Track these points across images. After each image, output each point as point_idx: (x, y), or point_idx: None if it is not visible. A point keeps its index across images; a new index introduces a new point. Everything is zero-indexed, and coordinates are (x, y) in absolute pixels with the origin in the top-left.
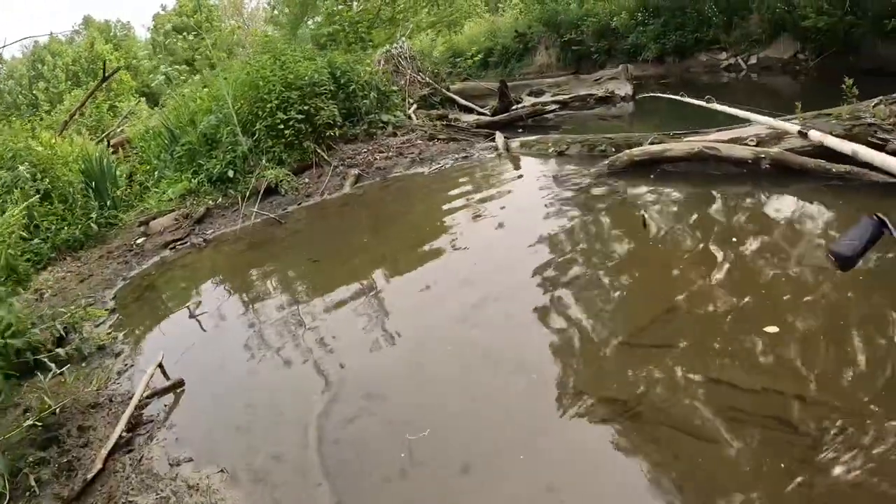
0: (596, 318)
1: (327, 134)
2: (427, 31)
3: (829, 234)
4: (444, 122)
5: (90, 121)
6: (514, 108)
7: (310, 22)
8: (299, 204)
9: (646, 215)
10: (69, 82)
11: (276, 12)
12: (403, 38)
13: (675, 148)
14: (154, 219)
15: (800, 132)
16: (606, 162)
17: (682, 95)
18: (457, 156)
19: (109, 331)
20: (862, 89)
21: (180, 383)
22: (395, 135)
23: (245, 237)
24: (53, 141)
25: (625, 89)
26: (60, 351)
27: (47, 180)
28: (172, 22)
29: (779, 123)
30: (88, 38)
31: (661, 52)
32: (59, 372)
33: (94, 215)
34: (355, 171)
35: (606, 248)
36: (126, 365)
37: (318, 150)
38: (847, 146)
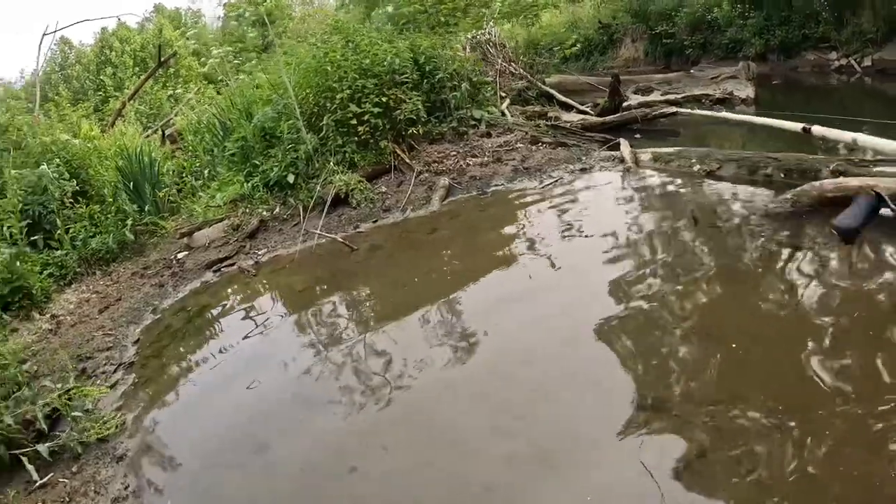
0: None
1: (409, 132)
2: (502, 21)
3: None
4: (547, 122)
5: (148, 109)
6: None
7: (388, 7)
8: (375, 221)
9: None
10: (136, 68)
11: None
12: (492, 23)
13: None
14: (199, 229)
15: (803, 128)
16: (788, 196)
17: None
18: (571, 167)
19: (116, 412)
20: None
21: None
22: (488, 135)
23: (305, 266)
24: (93, 132)
25: (746, 91)
26: (42, 448)
27: (76, 181)
28: (242, 10)
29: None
30: (157, 24)
31: (765, 48)
32: (35, 483)
33: (129, 222)
34: (445, 182)
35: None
36: (125, 488)
37: (398, 152)
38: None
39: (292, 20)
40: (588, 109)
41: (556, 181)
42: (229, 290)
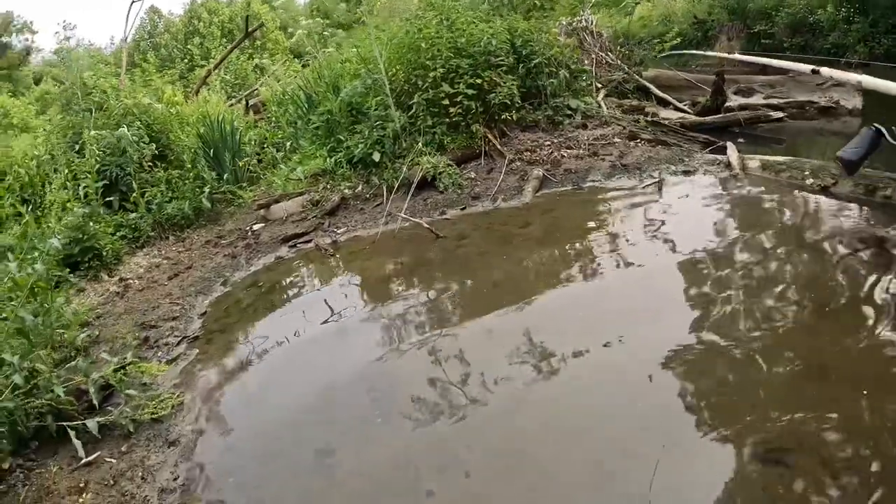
0: None
1: (502, 117)
2: (595, 11)
3: None
4: (646, 118)
5: (233, 79)
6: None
7: None
8: (463, 209)
9: None
10: (223, 39)
11: None
12: (588, 10)
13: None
14: (277, 202)
15: (812, 70)
16: None
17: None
18: (673, 167)
19: (174, 389)
20: None
21: None
22: (584, 126)
23: (386, 250)
24: (175, 98)
25: (853, 101)
26: (91, 424)
27: (156, 145)
28: None
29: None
30: None
31: (869, 56)
32: (80, 460)
33: (207, 189)
34: (538, 172)
35: None
36: (175, 479)
37: (490, 137)
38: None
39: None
40: (686, 108)
41: (657, 182)
42: (304, 269)
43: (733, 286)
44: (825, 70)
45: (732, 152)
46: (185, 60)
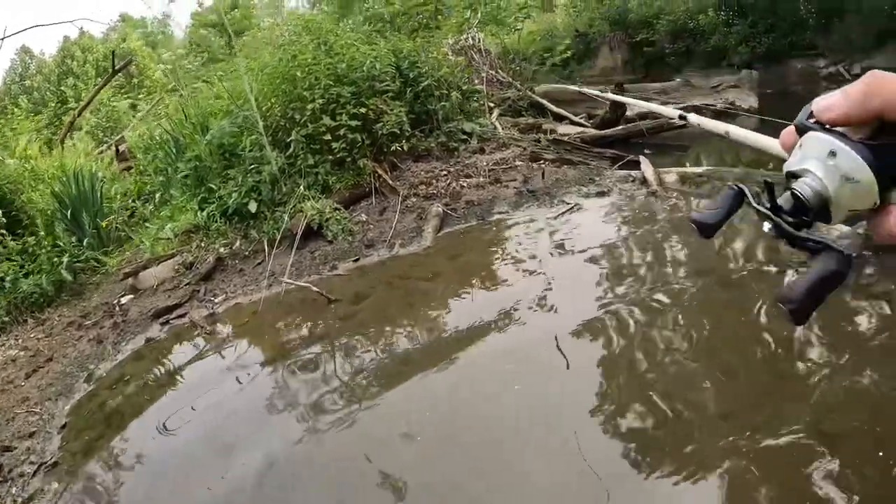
0: None
1: (391, 148)
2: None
3: None
4: (548, 137)
5: (105, 122)
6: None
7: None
8: (356, 260)
9: None
10: (98, 79)
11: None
12: (475, 28)
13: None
14: (145, 267)
15: (679, 116)
16: (860, 231)
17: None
18: (585, 189)
19: None
20: None
21: None
22: (481, 150)
23: (271, 320)
24: (29, 151)
25: (748, 101)
26: None
27: (4, 210)
28: (209, 20)
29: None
30: (120, 33)
31: (751, 56)
32: None
33: (66, 258)
34: (437, 209)
35: None
36: None
37: (380, 172)
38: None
39: (262, 30)
40: (583, 121)
41: (572, 208)
42: (177, 354)
43: (673, 345)
44: (693, 117)
45: (647, 167)
46: (58, 103)
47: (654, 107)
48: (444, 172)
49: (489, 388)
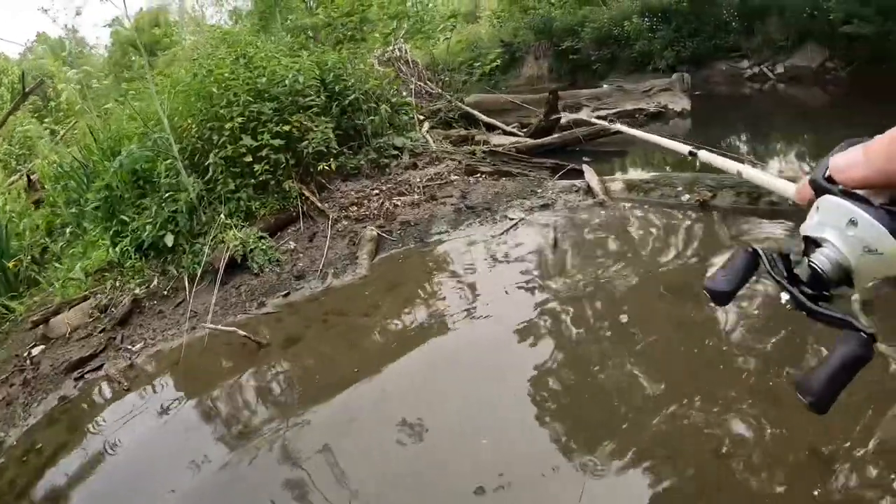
0: None
1: (318, 168)
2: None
3: None
4: (483, 149)
5: (18, 150)
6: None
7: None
8: (286, 295)
9: None
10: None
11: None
12: (401, 40)
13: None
14: (56, 313)
15: (689, 152)
16: None
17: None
18: (527, 202)
19: None
20: None
21: None
22: (414, 166)
23: (194, 369)
24: None
25: (681, 103)
26: None
27: None
28: (129, 39)
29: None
30: (36, 54)
31: (676, 60)
32: None
33: None
34: (371, 232)
35: None
36: None
37: (307, 194)
38: (733, 166)
39: (183, 49)
40: (516, 130)
41: (516, 224)
42: (93, 417)
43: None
44: (703, 154)
45: (591, 176)
46: None
47: (663, 141)
48: (376, 191)
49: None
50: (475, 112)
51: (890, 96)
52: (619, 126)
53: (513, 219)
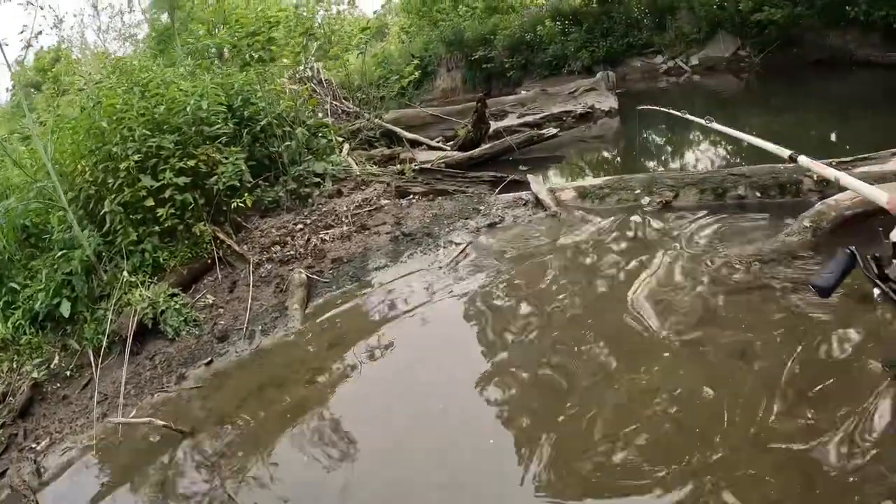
0: None
1: (232, 205)
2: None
3: None
4: (412, 167)
5: None
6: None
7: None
8: (209, 363)
9: None
10: None
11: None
12: (312, 59)
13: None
14: None
15: (790, 157)
16: (805, 224)
17: (683, 113)
18: (472, 222)
19: None
20: (810, 80)
21: None
22: (339, 193)
23: (110, 468)
24: None
25: (608, 102)
26: None
27: None
28: (31, 79)
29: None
30: None
31: (591, 61)
32: None
33: None
34: (300, 275)
35: None
36: None
37: (221, 237)
38: (830, 173)
39: (85, 85)
40: (441, 145)
41: (465, 248)
42: None
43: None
44: (803, 159)
45: (539, 187)
46: None
47: (766, 144)
48: (300, 226)
49: None
50: (396, 129)
51: (801, 78)
52: (716, 125)
53: (459, 243)
